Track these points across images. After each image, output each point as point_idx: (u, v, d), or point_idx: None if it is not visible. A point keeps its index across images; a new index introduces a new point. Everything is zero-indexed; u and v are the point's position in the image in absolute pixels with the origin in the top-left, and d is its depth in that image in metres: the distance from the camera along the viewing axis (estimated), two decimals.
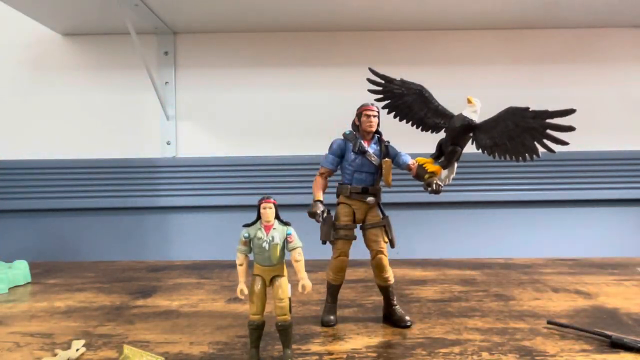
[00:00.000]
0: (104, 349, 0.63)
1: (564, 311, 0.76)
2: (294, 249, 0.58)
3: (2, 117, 1.30)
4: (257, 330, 0.58)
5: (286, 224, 0.59)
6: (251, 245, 0.58)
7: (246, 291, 0.58)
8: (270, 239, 0.57)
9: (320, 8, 1.12)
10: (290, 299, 0.59)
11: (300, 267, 0.58)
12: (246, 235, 0.58)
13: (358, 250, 0.74)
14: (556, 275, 0.99)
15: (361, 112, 0.70)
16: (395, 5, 1.11)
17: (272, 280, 0.59)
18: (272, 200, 0.58)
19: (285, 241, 0.58)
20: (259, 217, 0.58)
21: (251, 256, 0.59)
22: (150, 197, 1.27)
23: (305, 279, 0.57)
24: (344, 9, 1.13)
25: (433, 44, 1.30)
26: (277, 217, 0.58)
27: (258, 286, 0.58)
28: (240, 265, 0.58)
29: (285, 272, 0.59)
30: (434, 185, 0.68)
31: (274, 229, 0.57)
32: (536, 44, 1.30)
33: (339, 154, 0.72)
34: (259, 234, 0.57)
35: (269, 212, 0.57)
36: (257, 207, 0.58)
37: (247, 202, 1.26)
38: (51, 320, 0.75)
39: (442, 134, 0.71)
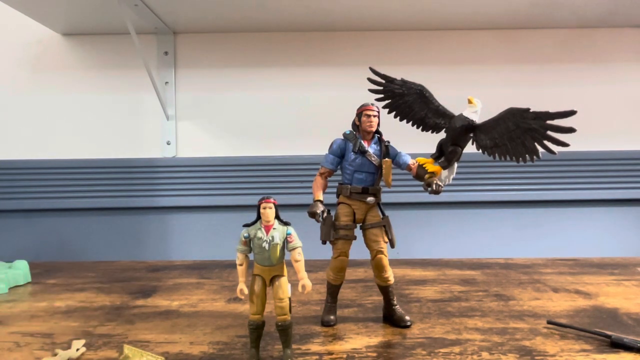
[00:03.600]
0: (104, 349, 0.63)
1: (564, 311, 0.76)
2: (294, 248, 0.58)
3: (2, 117, 1.30)
4: (257, 330, 0.58)
5: (286, 223, 0.59)
6: (251, 245, 0.58)
7: (246, 291, 0.58)
8: (270, 238, 0.57)
9: (321, 8, 1.12)
10: (290, 298, 0.59)
11: (301, 267, 0.58)
12: (246, 235, 0.58)
13: (358, 250, 0.74)
14: (556, 275, 0.99)
15: (361, 112, 0.70)
16: (395, 5, 1.11)
17: (272, 280, 0.59)
18: (272, 200, 0.57)
19: (285, 241, 0.58)
20: (258, 217, 0.58)
21: (251, 256, 0.60)
22: (150, 197, 1.27)
23: (305, 279, 0.57)
24: (345, 9, 1.13)
25: (433, 44, 1.30)
26: (277, 217, 0.58)
27: (258, 286, 0.58)
28: (240, 265, 0.58)
29: (285, 272, 0.59)
30: (434, 186, 0.68)
31: (274, 229, 0.57)
32: (536, 44, 1.30)
33: (339, 153, 0.72)
34: (259, 234, 0.57)
35: (269, 212, 0.57)
36: (257, 207, 0.58)
37: (247, 202, 1.26)
38: (51, 320, 0.75)
39: (442, 134, 0.71)
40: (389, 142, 0.72)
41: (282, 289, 0.58)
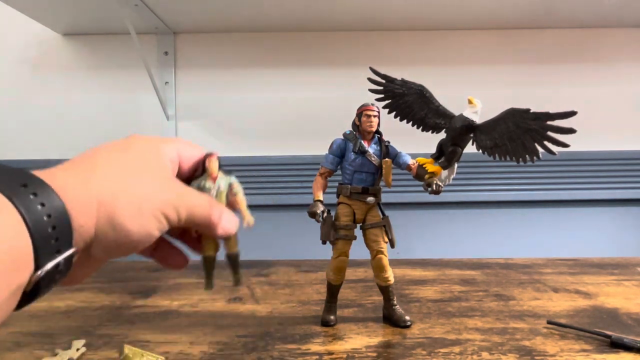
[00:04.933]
0: (104, 349, 0.63)
1: (564, 311, 0.76)
2: (237, 193, 0.66)
3: (2, 117, 1.30)
4: (211, 262, 0.65)
5: (229, 173, 0.66)
6: None
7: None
8: (217, 187, 0.64)
9: (320, 8, 1.12)
10: (236, 234, 0.66)
11: (243, 208, 0.66)
12: (195, 186, 0.65)
13: (358, 250, 0.74)
14: (556, 275, 0.99)
15: (361, 112, 0.70)
16: (395, 5, 1.11)
17: None
18: (215, 154, 0.64)
19: (229, 187, 0.65)
20: (204, 170, 0.64)
21: None
22: None
23: (248, 216, 0.65)
24: (344, 9, 1.13)
25: (433, 44, 1.30)
26: (220, 168, 0.65)
27: None
28: None
29: None
30: (434, 186, 0.68)
31: (219, 178, 0.65)
32: (536, 44, 1.30)
33: (339, 154, 0.72)
34: (207, 185, 0.64)
35: (213, 164, 0.64)
36: (202, 162, 0.64)
37: (247, 202, 1.26)
38: (51, 320, 0.75)
39: (442, 134, 0.71)
40: (389, 142, 0.72)
41: None
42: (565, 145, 0.56)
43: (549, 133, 0.57)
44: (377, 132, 0.72)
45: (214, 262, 0.67)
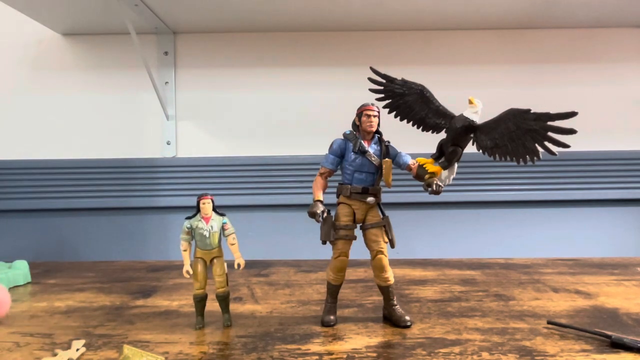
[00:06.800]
0: (104, 349, 0.63)
1: (564, 311, 0.76)
2: (230, 234, 0.70)
3: (2, 117, 1.30)
4: (201, 301, 0.70)
5: (221, 214, 0.70)
6: (193, 234, 0.70)
7: (192, 271, 0.69)
8: (210, 228, 0.69)
9: (321, 8, 1.12)
10: (226, 274, 0.71)
11: (236, 249, 0.71)
12: (188, 226, 0.69)
13: (358, 250, 0.74)
14: (556, 275, 0.99)
15: (361, 112, 0.70)
16: (395, 5, 1.11)
17: (212, 260, 0.70)
18: (209, 196, 0.69)
19: (222, 229, 0.70)
20: (198, 211, 0.69)
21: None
22: (150, 197, 1.27)
23: (240, 258, 0.70)
24: (345, 9, 1.13)
25: (433, 44, 1.30)
26: (214, 209, 0.70)
27: (201, 266, 0.70)
28: (185, 250, 0.70)
29: (222, 253, 0.71)
30: (434, 186, 0.68)
31: (212, 219, 0.69)
32: (536, 44, 1.30)
33: (339, 153, 0.72)
34: (200, 225, 0.68)
35: (207, 206, 0.68)
36: (197, 203, 0.69)
37: (247, 202, 1.26)
38: (51, 320, 0.75)
39: (442, 135, 0.71)
40: (389, 142, 0.72)
41: (220, 267, 0.70)
42: (566, 146, 0.56)
43: (550, 133, 0.57)
44: (377, 132, 0.72)
45: (204, 301, 0.71)
